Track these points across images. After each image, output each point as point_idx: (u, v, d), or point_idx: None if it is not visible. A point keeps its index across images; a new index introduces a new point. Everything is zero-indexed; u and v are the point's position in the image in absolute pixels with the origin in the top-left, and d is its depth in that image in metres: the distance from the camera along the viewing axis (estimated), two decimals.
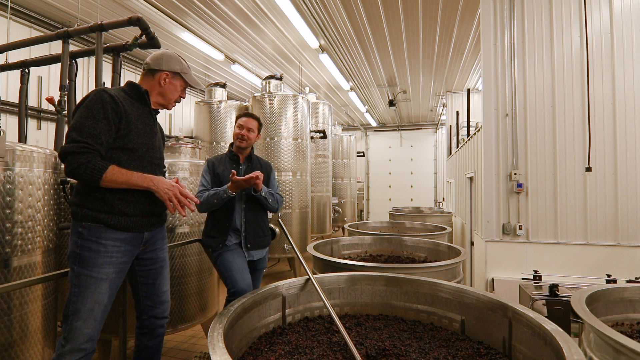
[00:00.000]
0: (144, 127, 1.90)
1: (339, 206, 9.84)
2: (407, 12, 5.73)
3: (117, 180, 1.70)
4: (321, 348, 1.66)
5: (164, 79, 1.95)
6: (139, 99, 1.92)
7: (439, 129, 14.39)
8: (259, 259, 2.71)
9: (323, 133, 7.56)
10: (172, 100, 2.02)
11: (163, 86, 1.96)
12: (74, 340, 1.65)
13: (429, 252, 3.54)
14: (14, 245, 1.88)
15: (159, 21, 5.92)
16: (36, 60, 3.61)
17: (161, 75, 1.95)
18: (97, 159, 1.67)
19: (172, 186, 1.79)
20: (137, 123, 1.85)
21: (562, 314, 2.16)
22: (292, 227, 5.74)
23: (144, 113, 1.93)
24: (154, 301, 2.00)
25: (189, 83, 2.03)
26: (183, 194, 1.80)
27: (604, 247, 3.78)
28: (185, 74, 2.00)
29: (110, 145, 1.76)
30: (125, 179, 1.72)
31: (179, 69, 1.98)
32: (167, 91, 1.98)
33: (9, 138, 2.13)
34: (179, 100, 2.06)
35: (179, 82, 2.01)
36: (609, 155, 3.81)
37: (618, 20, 3.84)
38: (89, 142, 1.66)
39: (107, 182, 1.69)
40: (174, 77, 1.98)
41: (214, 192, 2.48)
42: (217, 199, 2.46)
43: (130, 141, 1.81)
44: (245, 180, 2.38)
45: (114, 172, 1.69)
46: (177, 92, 2.02)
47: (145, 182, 1.77)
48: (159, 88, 1.97)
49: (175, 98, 2.03)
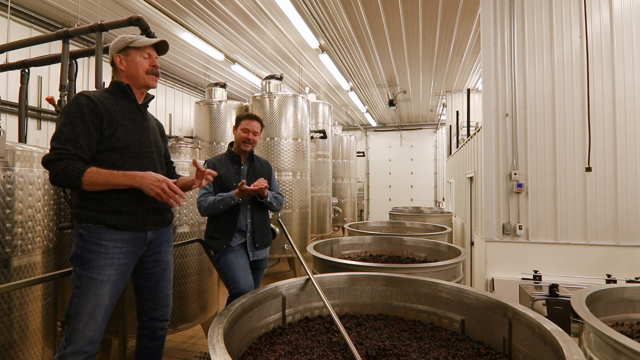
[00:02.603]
0: (132, 123, 1.85)
1: (339, 206, 9.84)
2: (407, 12, 5.73)
3: (96, 181, 1.64)
4: (321, 348, 1.66)
5: (119, 62, 1.87)
6: (123, 95, 1.88)
7: (439, 129, 14.39)
8: (262, 259, 2.72)
9: (323, 133, 7.56)
10: (141, 75, 1.88)
11: (124, 69, 1.87)
12: (75, 343, 1.64)
13: (429, 252, 3.54)
14: (14, 245, 1.88)
15: (159, 21, 5.92)
16: (36, 60, 3.60)
17: (116, 61, 1.87)
18: (75, 163, 1.62)
19: (159, 180, 1.67)
20: (122, 120, 1.81)
21: (562, 314, 2.16)
22: (292, 227, 5.74)
23: (131, 109, 1.88)
24: (156, 304, 1.99)
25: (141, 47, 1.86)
26: (172, 188, 1.68)
27: (604, 247, 3.78)
28: (131, 43, 1.86)
29: (98, 148, 1.73)
30: (105, 179, 1.65)
31: (124, 43, 1.86)
32: (130, 70, 1.87)
33: (9, 138, 2.13)
34: (152, 70, 1.90)
35: (134, 54, 1.86)
36: (609, 155, 3.81)
37: (618, 20, 3.84)
38: (66, 147, 1.63)
39: (88, 185, 1.63)
40: (126, 54, 1.87)
41: (221, 198, 2.46)
42: (223, 204, 2.45)
43: (119, 140, 1.78)
44: (253, 189, 2.37)
45: (92, 174, 1.63)
46: (141, 65, 1.87)
47: (128, 180, 1.67)
48: (123, 73, 1.88)
49: (145, 70, 1.88)
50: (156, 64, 1.93)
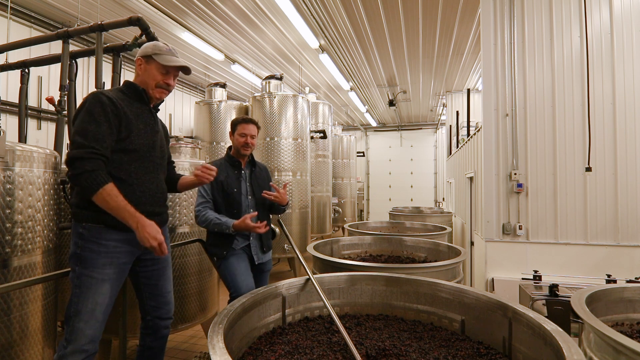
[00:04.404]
0: (145, 126, 1.87)
1: (339, 206, 9.84)
2: (407, 12, 5.73)
3: (107, 203, 1.64)
4: (321, 348, 1.66)
5: (139, 65, 1.89)
6: (137, 97, 1.89)
7: (439, 129, 14.39)
8: (267, 261, 2.72)
9: (323, 133, 7.56)
10: (150, 85, 1.89)
11: (140, 73, 1.90)
12: (75, 342, 1.64)
13: (429, 252, 3.54)
14: (14, 245, 1.88)
15: (159, 21, 5.92)
16: (36, 60, 3.60)
17: (137, 63, 1.90)
18: (102, 171, 1.64)
19: (155, 238, 1.67)
20: (137, 123, 1.83)
21: (562, 314, 2.16)
22: (292, 227, 5.74)
23: (144, 112, 1.90)
24: (158, 302, 2.00)
25: (164, 65, 1.87)
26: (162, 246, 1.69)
27: (604, 247, 3.78)
28: (157, 54, 1.87)
29: (112, 148, 1.74)
30: (115, 206, 1.64)
31: (151, 51, 1.87)
32: (144, 78, 1.89)
33: (9, 138, 2.13)
34: (162, 85, 1.91)
35: (154, 65, 1.88)
36: (609, 155, 3.81)
37: (618, 20, 3.84)
38: (95, 146, 1.64)
39: (98, 199, 1.64)
40: (147, 62, 1.88)
41: (218, 222, 2.42)
42: (218, 228, 2.43)
43: (132, 142, 1.79)
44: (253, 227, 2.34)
45: (107, 193, 1.63)
46: (154, 77, 1.88)
47: (131, 220, 1.66)
48: (138, 77, 1.91)
49: (155, 83, 1.89)
50: (170, 83, 1.94)
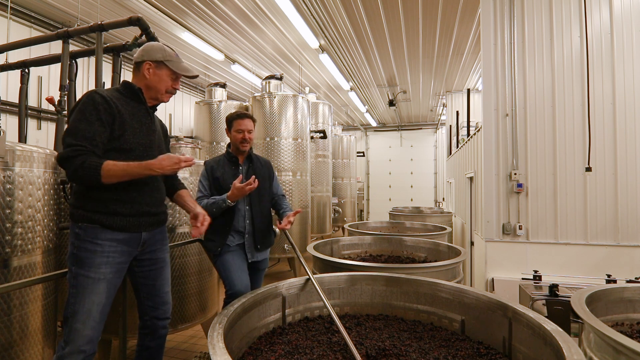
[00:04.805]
0: (140, 125, 1.87)
1: (339, 206, 9.84)
2: (407, 12, 5.73)
3: (115, 173, 1.66)
4: (321, 348, 1.66)
5: (147, 69, 1.87)
6: (133, 97, 1.89)
7: (439, 129, 14.39)
8: (262, 260, 2.69)
9: (323, 133, 7.56)
10: (161, 91, 1.91)
11: (148, 78, 1.88)
12: (73, 342, 1.64)
13: (429, 252, 3.54)
14: (14, 245, 1.88)
15: (159, 21, 5.92)
16: (36, 60, 3.61)
17: (144, 67, 1.87)
18: (91, 158, 1.64)
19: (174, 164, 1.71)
20: (132, 122, 1.82)
21: (562, 314, 2.16)
22: (292, 227, 5.73)
23: (140, 111, 1.89)
24: (155, 302, 2.00)
25: (175, 71, 1.90)
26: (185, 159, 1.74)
27: (604, 247, 3.78)
28: (169, 61, 1.88)
29: (106, 147, 1.74)
30: (123, 171, 1.67)
31: (162, 57, 1.87)
32: (152, 82, 1.89)
33: (9, 138, 2.13)
34: (171, 91, 1.94)
35: (165, 72, 1.89)
36: (609, 155, 3.81)
37: (618, 20, 3.84)
38: (85, 144, 1.65)
39: (106, 178, 1.65)
40: (158, 67, 1.88)
41: (213, 200, 2.44)
42: (216, 207, 2.42)
43: (126, 142, 1.79)
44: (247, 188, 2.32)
45: (109, 166, 1.65)
46: (165, 83, 1.90)
47: (144, 170, 1.70)
48: (145, 81, 1.89)
49: (166, 89, 1.92)
50: (178, 88, 1.98)
